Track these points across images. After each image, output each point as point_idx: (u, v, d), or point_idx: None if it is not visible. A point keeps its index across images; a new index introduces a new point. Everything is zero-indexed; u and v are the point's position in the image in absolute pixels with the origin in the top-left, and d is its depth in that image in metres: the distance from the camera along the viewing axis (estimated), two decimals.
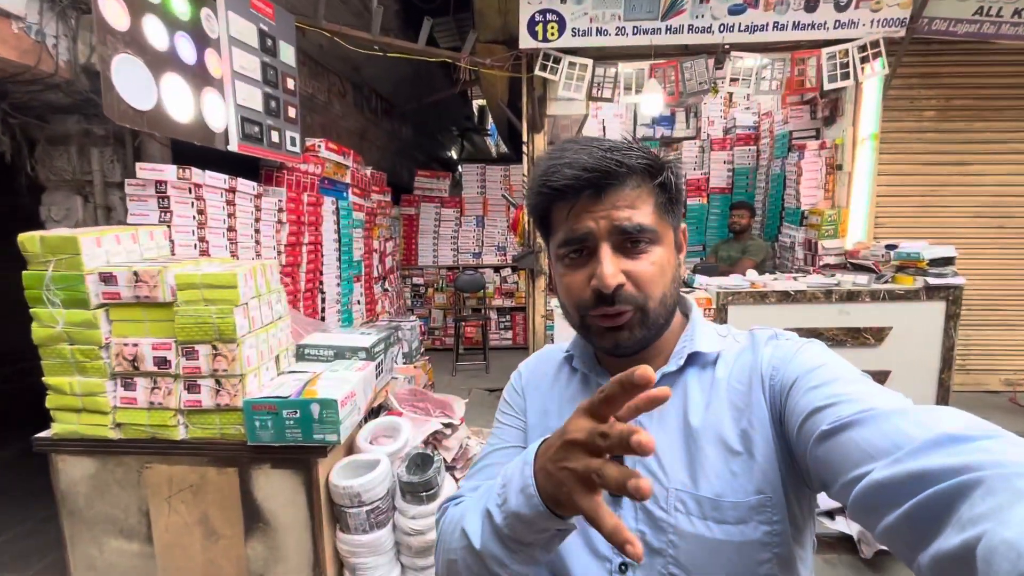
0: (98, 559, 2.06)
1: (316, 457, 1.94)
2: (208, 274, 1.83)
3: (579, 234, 0.62)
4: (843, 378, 0.56)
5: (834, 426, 0.49)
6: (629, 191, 0.62)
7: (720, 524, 0.60)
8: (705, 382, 0.67)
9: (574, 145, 0.64)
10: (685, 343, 0.69)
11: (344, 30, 3.30)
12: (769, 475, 0.60)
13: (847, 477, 0.46)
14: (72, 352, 1.88)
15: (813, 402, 0.54)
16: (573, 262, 0.64)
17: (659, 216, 0.64)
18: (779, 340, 0.67)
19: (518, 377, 0.84)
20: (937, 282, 3.13)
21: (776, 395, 0.61)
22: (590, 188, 0.61)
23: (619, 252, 0.62)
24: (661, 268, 0.63)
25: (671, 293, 0.65)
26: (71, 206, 2.45)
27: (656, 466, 0.64)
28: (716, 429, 0.63)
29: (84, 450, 1.98)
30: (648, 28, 3.57)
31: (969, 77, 3.84)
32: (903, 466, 0.40)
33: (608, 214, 0.61)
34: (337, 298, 3.97)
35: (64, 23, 2.16)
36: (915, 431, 0.43)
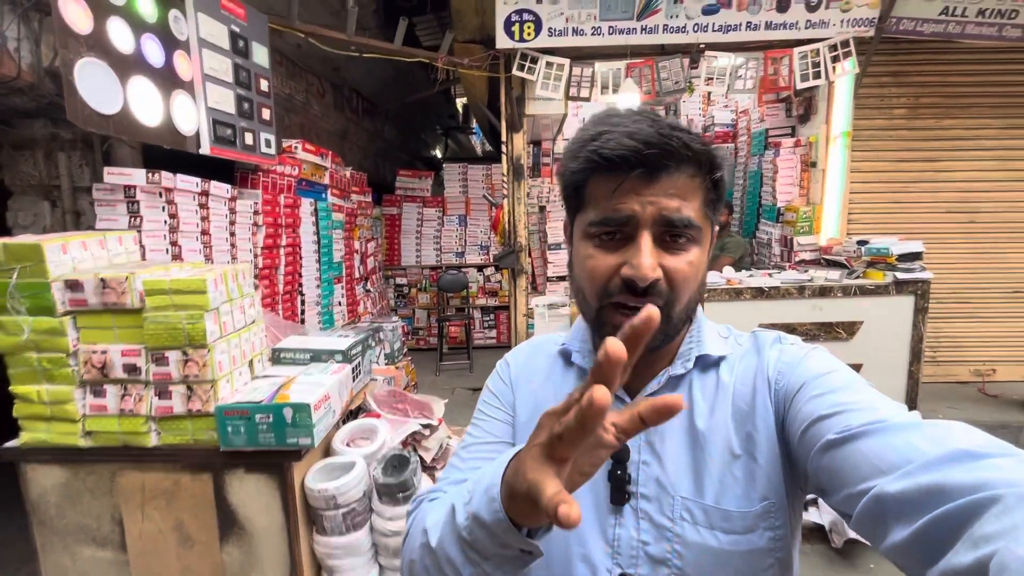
0: (71, 568, 2.04)
1: (290, 461, 1.94)
2: (177, 279, 1.82)
3: (621, 215, 0.57)
4: (851, 387, 0.54)
5: (843, 435, 0.48)
6: (685, 179, 0.56)
7: (728, 534, 0.58)
8: (709, 386, 0.65)
9: (634, 114, 0.57)
10: (691, 344, 0.66)
11: (318, 30, 3.28)
12: (773, 480, 0.59)
13: (854, 489, 0.45)
14: (39, 360, 1.85)
15: (819, 409, 0.53)
16: (603, 244, 0.59)
17: (704, 214, 0.59)
18: (784, 344, 0.65)
19: (506, 367, 0.78)
20: (906, 277, 3.21)
21: (780, 400, 0.60)
22: (645, 166, 0.55)
23: (658, 244, 0.57)
24: (696, 269, 0.59)
25: (696, 297, 0.62)
26: (39, 211, 2.41)
27: (661, 473, 0.62)
28: (722, 434, 0.61)
29: (54, 459, 1.96)
30: (624, 28, 3.60)
31: (937, 76, 3.93)
32: (915, 480, 0.39)
33: (657, 200, 0.56)
34: (317, 300, 3.95)
35: (26, 26, 2.12)
36: (928, 446, 0.42)
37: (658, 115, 0.57)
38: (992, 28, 3.51)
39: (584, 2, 3.54)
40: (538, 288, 5.47)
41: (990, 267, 4.13)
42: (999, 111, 3.97)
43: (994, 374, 4.17)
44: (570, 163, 0.60)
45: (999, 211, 4.06)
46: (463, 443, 0.73)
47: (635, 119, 0.56)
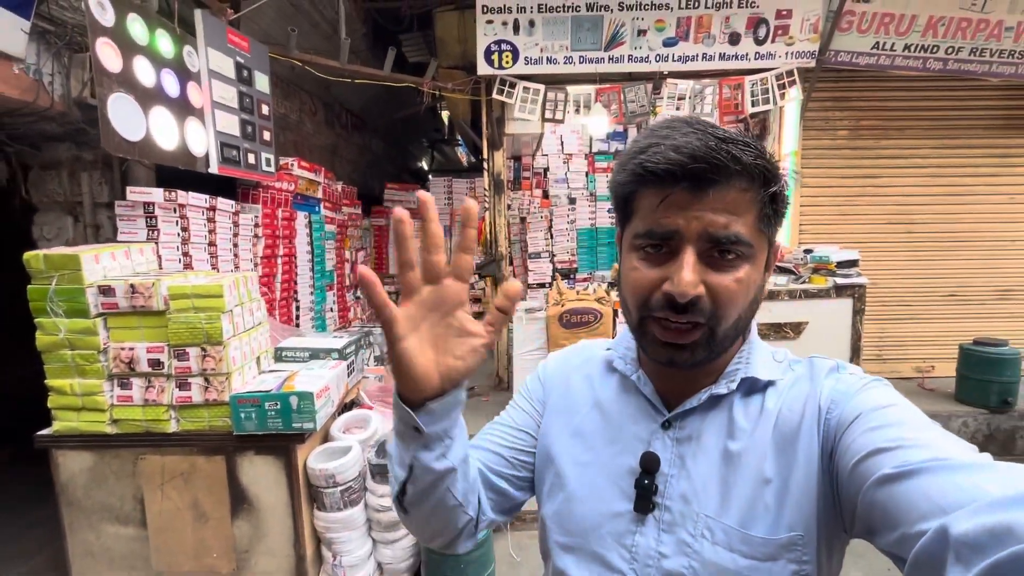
0: (95, 544, 2.29)
1: (295, 444, 2.22)
2: (197, 285, 2.10)
3: (664, 230, 0.56)
4: (912, 422, 0.51)
5: (901, 471, 0.45)
6: (734, 194, 0.55)
7: (747, 558, 0.57)
8: (752, 409, 0.63)
9: (684, 126, 0.56)
10: (739, 365, 0.64)
11: (314, 59, 3.59)
12: (804, 512, 0.56)
13: (911, 528, 0.42)
14: (73, 357, 2.12)
15: (875, 442, 0.50)
16: (648, 256, 0.58)
17: (758, 229, 0.57)
18: (841, 373, 0.62)
19: (544, 368, 0.80)
20: (844, 282, 3.60)
21: (831, 429, 0.57)
22: (691, 180, 0.54)
23: (703, 260, 0.56)
24: (747, 287, 0.57)
25: (747, 316, 0.60)
26: (62, 225, 2.67)
27: (688, 489, 0.61)
28: (757, 459, 0.59)
29: (83, 445, 2.21)
30: (593, 57, 3.97)
31: (875, 101, 4.36)
32: (981, 520, 0.36)
33: (703, 215, 0.54)
34: (311, 306, 4.22)
35: (58, 62, 2.40)
36: (995, 487, 0.39)
37: (714, 127, 0.55)
38: (917, 61, 3.96)
39: (557, 34, 3.91)
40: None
41: (927, 273, 4.56)
42: (932, 132, 4.41)
43: (933, 370, 4.58)
44: (618, 175, 0.60)
45: (934, 222, 4.50)
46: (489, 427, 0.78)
47: (686, 131, 0.55)
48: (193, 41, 2.76)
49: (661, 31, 3.90)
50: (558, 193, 5.72)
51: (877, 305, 4.49)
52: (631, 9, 3.87)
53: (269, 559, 2.29)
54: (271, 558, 2.29)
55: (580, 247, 5.70)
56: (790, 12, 3.89)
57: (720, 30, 3.92)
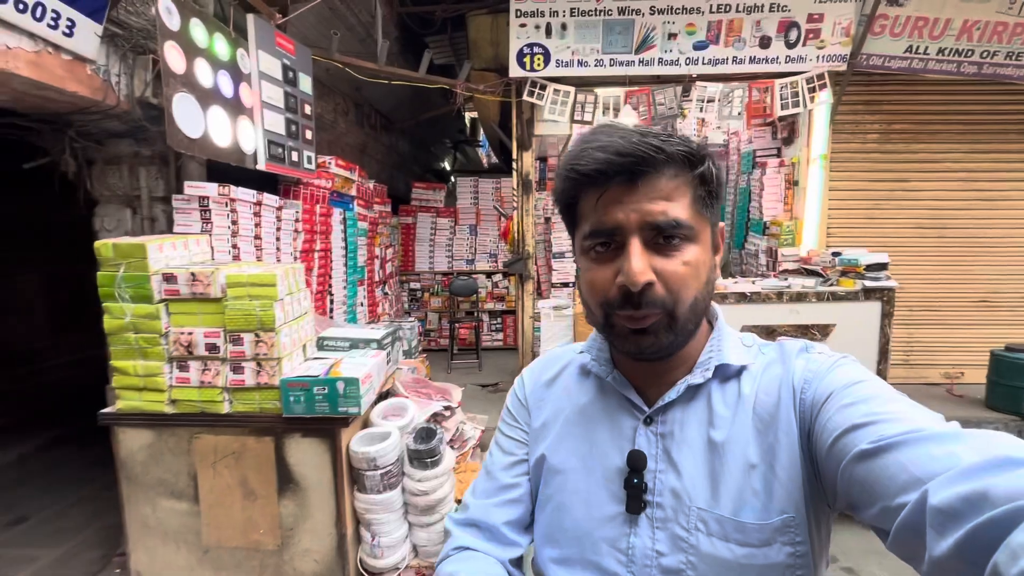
0: (151, 517, 2.43)
1: (340, 427, 2.33)
2: (253, 275, 2.22)
3: (607, 226, 0.58)
4: (883, 396, 0.53)
5: (878, 445, 0.46)
6: (665, 181, 0.57)
7: (743, 546, 0.57)
8: (730, 396, 0.63)
9: (608, 128, 0.59)
10: (711, 353, 0.65)
11: (353, 61, 3.72)
12: (793, 494, 0.57)
13: (892, 501, 0.44)
14: (136, 340, 2.26)
15: (851, 419, 0.51)
16: (599, 256, 0.60)
17: (696, 211, 0.59)
18: (811, 353, 0.64)
19: (521, 386, 0.79)
20: (873, 285, 3.60)
21: (807, 409, 0.58)
22: (622, 175, 0.56)
23: (650, 248, 0.58)
24: (695, 269, 0.59)
25: (703, 297, 0.61)
26: (121, 217, 2.83)
27: (677, 483, 0.61)
28: (741, 445, 0.60)
29: (143, 423, 2.35)
30: (623, 60, 4.04)
31: (907, 104, 4.34)
32: (956, 488, 0.38)
33: (640, 206, 0.57)
34: (344, 300, 4.35)
35: (124, 63, 2.56)
36: (969, 454, 0.41)
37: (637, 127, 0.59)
38: (951, 65, 3.94)
39: (588, 38, 3.98)
40: (543, 293, 5.86)
41: (958, 278, 4.52)
42: (964, 136, 4.38)
43: (962, 377, 4.53)
44: (559, 183, 0.63)
45: (965, 227, 4.46)
46: (489, 460, 0.77)
47: (610, 133, 0.58)
48: (245, 44, 2.90)
49: (692, 35, 3.95)
50: None
51: (905, 310, 4.46)
52: (662, 13, 3.93)
53: (312, 537, 2.40)
54: (314, 536, 2.40)
55: None
56: (822, 16, 3.90)
57: (751, 33, 3.95)
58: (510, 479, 0.73)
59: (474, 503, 0.73)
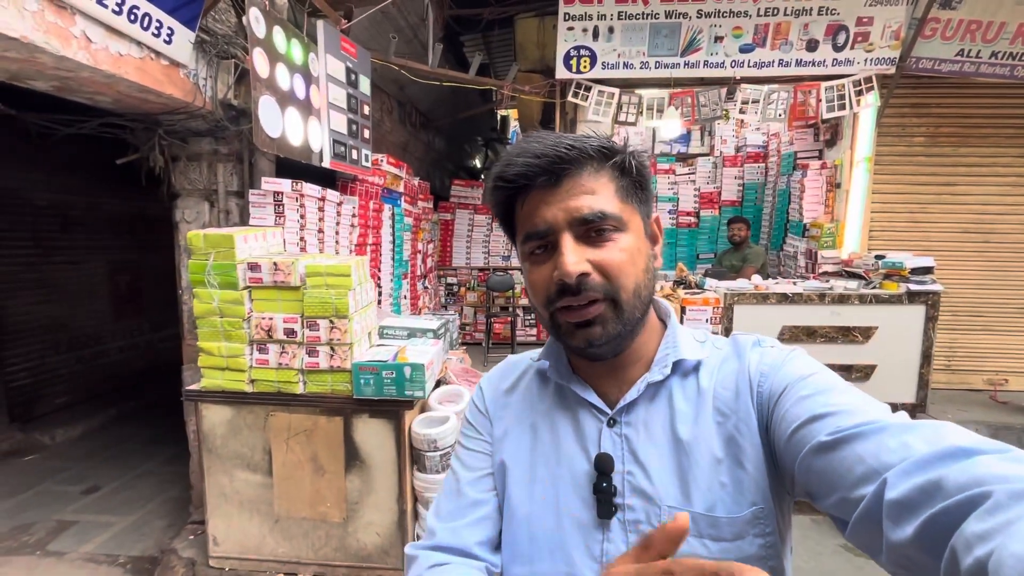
0: (228, 487, 2.63)
1: (404, 409, 2.49)
2: (330, 265, 2.40)
3: (539, 228, 0.60)
4: (837, 388, 0.55)
5: (835, 437, 0.48)
6: (587, 177, 0.59)
7: (717, 542, 0.58)
8: (690, 391, 0.64)
9: (529, 139, 0.61)
10: (668, 350, 0.66)
11: (409, 64, 3.89)
12: (760, 485, 0.58)
13: (850, 493, 0.45)
14: (222, 323, 2.45)
15: (807, 411, 0.53)
16: (538, 257, 0.62)
17: (622, 201, 0.61)
18: (764, 347, 0.65)
19: (480, 396, 0.77)
20: (917, 288, 3.61)
21: (764, 402, 0.60)
22: (544, 175, 0.59)
23: (583, 242, 0.59)
24: (631, 256, 0.60)
25: (645, 284, 0.61)
26: (200, 210, 3.04)
27: (646, 482, 0.61)
28: (706, 441, 0.61)
29: (224, 400, 2.55)
30: (668, 63, 4.11)
31: (955, 108, 4.31)
32: (912, 479, 0.39)
33: (566, 204, 0.59)
34: (390, 292, 4.54)
35: (210, 68, 2.76)
36: (922, 445, 0.42)
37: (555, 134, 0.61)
38: (1005, 68, 3.90)
39: (635, 41, 4.07)
40: None
41: (1004, 284, 4.46)
42: (1014, 140, 4.31)
43: (1006, 384, 4.48)
44: (489, 195, 0.65)
45: (1013, 232, 4.40)
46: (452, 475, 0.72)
47: (528, 141, 0.61)
48: (315, 48, 3.08)
49: (738, 38, 4.00)
50: None
51: (948, 315, 4.42)
52: (709, 16, 3.99)
53: (375, 511, 2.57)
54: (377, 511, 2.57)
55: None
56: (871, 19, 3.91)
57: (798, 37, 3.98)
58: (478, 495, 0.69)
59: (441, 526, 0.68)
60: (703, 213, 5.83)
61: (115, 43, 2.17)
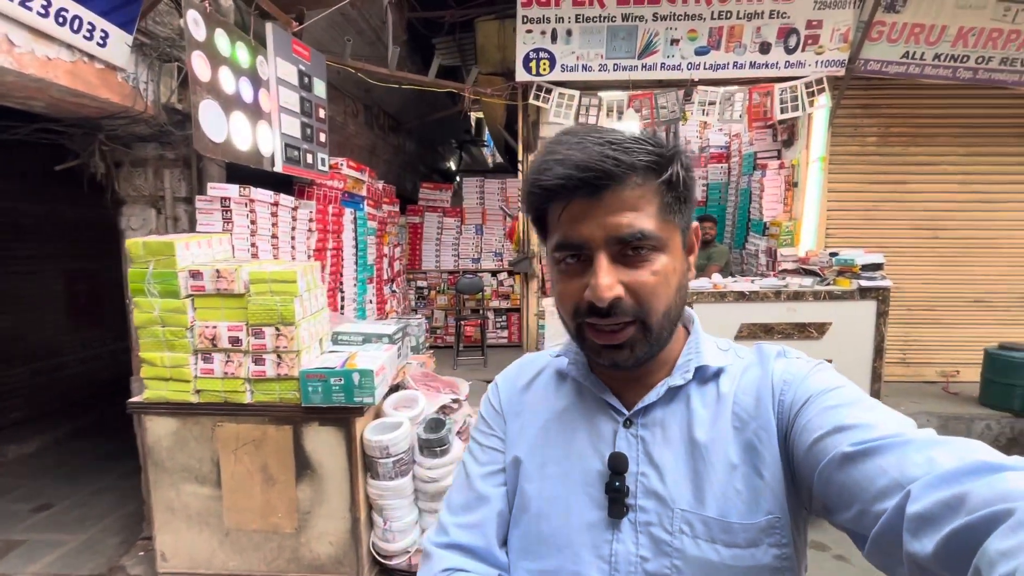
0: (175, 501, 2.56)
1: (355, 416, 2.46)
2: (275, 271, 2.36)
3: (573, 241, 0.58)
4: (862, 402, 0.54)
5: (858, 449, 0.47)
6: (629, 192, 0.56)
7: (729, 548, 0.57)
8: (710, 397, 0.63)
9: (570, 138, 0.58)
10: (690, 356, 0.65)
11: (366, 66, 3.85)
12: (778, 494, 0.57)
13: (871, 506, 0.44)
14: (164, 333, 2.39)
15: (830, 423, 0.52)
16: (569, 268, 0.60)
17: (664, 219, 0.58)
18: (789, 358, 0.64)
19: (495, 393, 0.77)
20: (868, 284, 3.70)
21: (785, 412, 0.59)
22: (584, 189, 0.56)
23: (618, 261, 0.57)
24: (665, 278, 0.58)
25: (676, 304, 0.60)
26: (146, 217, 2.97)
27: (660, 484, 0.60)
28: (723, 446, 0.60)
29: (169, 411, 2.49)
30: (626, 65, 4.15)
31: (905, 108, 4.44)
32: (936, 493, 0.39)
33: (605, 220, 0.56)
34: (354, 297, 4.49)
35: (151, 71, 2.69)
36: (948, 460, 0.41)
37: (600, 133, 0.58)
38: (948, 70, 4.03)
39: (593, 43, 4.10)
40: (547, 292, 5.98)
41: (953, 278, 4.62)
42: (961, 139, 4.47)
43: (958, 375, 4.63)
44: (525, 197, 0.63)
45: (961, 228, 4.55)
46: (465, 471, 0.73)
47: (571, 144, 0.57)
48: (264, 51, 3.03)
49: (693, 40, 4.06)
50: None
51: (902, 309, 4.56)
52: (665, 19, 4.04)
53: (328, 521, 2.54)
54: (329, 520, 2.54)
55: None
56: (820, 22, 4.01)
57: (751, 39, 4.06)
58: (489, 490, 0.70)
59: (453, 523, 0.69)
60: None
61: (42, 46, 2.10)
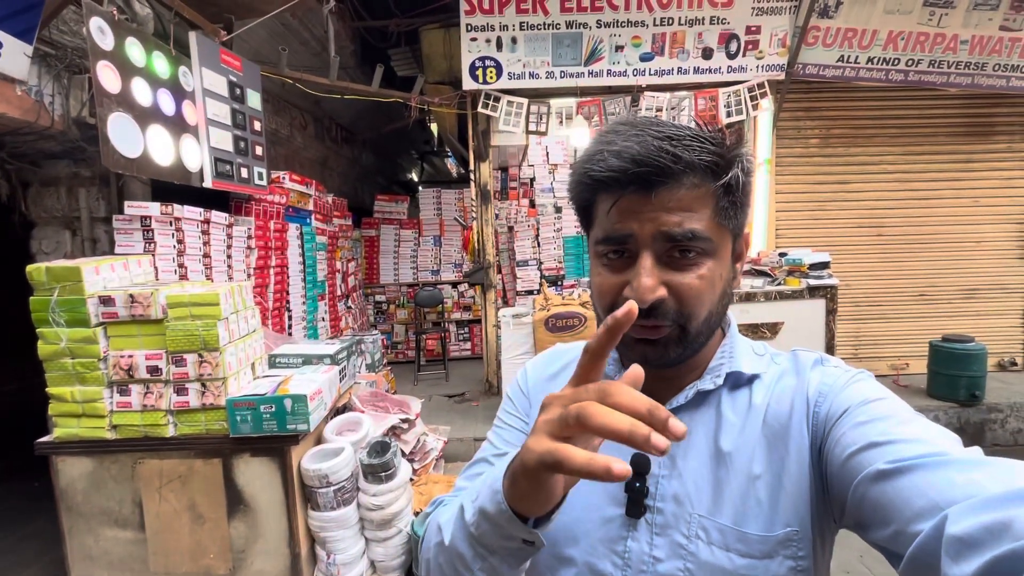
0: (94, 548, 2.35)
1: (289, 445, 2.31)
2: (195, 294, 2.20)
3: (620, 234, 0.56)
4: (901, 415, 0.51)
5: (896, 466, 0.45)
6: (685, 192, 0.54)
7: (744, 557, 0.56)
8: (741, 404, 0.62)
9: (628, 129, 0.56)
10: (723, 360, 0.63)
11: (305, 76, 3.72)
12: (800, 508, 0.56)
13: (908, 526, 0.42)
14: (73, 365, 2.20)
15: (867, 436, 0.50)
16: (611, 263, 0.58)
17: (718, 223, 0.56)
18: (826, 366, 0.62)
19: (524, 377, 0.77)
20: (816, 283, 3.76)
21: (820, 423, 0.57)
22: (637, 183, 0.54)
23: (664, 261, 0.55)
24: (711, 283, 0.56)
25: (718, 311, 0.59)
26: (60, 239, 2.76)
27: (680, 489, 0.60)
28: (748, 455, 0.59)
29: (83, 450, 2.29)
30: (573, 72, 4.14)
31: (844, 111, 4.58)
32: (979, 517, 0.37)
33: (656, 216, 0.54)
34: (303, 315, 4.31)
35: (58, 83, 2.51)
36: (991, 483, 0.39)
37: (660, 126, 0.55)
38: (881, 72, 4.17)
39: (538, 51, 4.08)
40: (509, 302, 5.91)
41: (898, 274, 4.76)
42: (898, 139, 4.63)
43: (908, 367, 4.75)
44: (574, 186, 0.61)
45: (902, 225, 4.70)
46: (481, 452, 0.73)
47: (628, 135, 0.55)
48: (188, 62, 2.87)
49: (638, 47, 4.09)
50: (544, 202, 5.88)
51: (851, 305, 4.67)
52: (608, 26, 4.05)
53: (265, 558, 2.37)
54: (267, 557, 2.37)
55: (567, 254, 5.84)
56: (759, 28, 4.09)
57: (694, 45, 4.11)
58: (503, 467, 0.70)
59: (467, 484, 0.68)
60: None
61: None
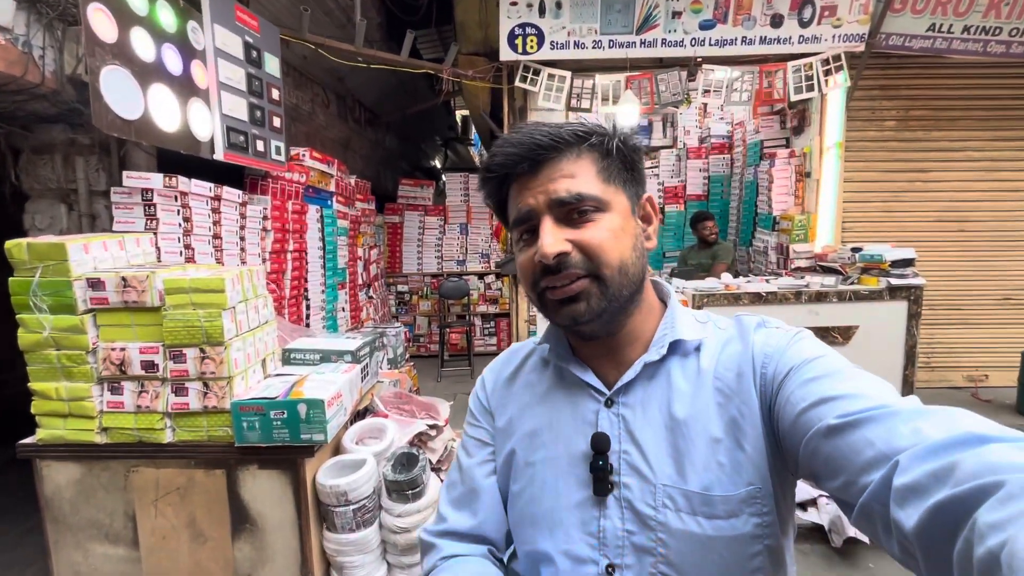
0: (82, 565, 2.06)
1: (303, 457, 1.98)
2: (196, 279, 1.87)
3: (523, 212, 0.62)
4: (845, 371, 0.54)
5: (844, 421, 0.47)
6: (566, 163, 0.61)
7: (711, 519, 0.58)
8: (690, 371, 0.64)
9: (513, 132, 0.64)
10: (666, 331, 0.66)
11: (328, 42, 3.38)
12: (759, 466, 0.58)
13: (857, 477, 0.44)
14: (58, 357, 1.90)
15: (815, 393, 0.52)
16: (526, 241, 0.64)
17: (604, 182, 0.62)
18: (769, 328, 0.64)
19: (482, 386, 0.80)
20: (899, 283, 3.30)
21: (768, 383, 0.59)
22: (523, 163, 0.61)
23: (563, 223, 0.61)
24: (613, 234, 0.60)
25: (633, 262, 0.62)
26: (55, 214, 2.47)
27: (642, 461, 0.62)
28: (703, 420, 0.61)
29: (70, 455, 1.99)
30: (623, 42, 3.72)
31: (926, 89, 4.06)
32: (923, 465, 0.38)
33: (545, 188, 0.60)
34: (322, 305, 4.00)
35: (51, 35, 2.20)
36: (934, 431, 0.41)
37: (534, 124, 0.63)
38: (978, 44, 3.65)
39: (585, 17, 3.66)
40: None
41: (980, 274, 4.24)
42: (986, 123, 4.10)
43: (986, 379, 4.25)
44: (480, 186, 0.69)
45: (988, 219, 4.18)
46: (457, 463, 0.76)
47: (512, 132, 0.63)
48: (198, 17, 2.55)
49: (697, 13, 3.64)
50: None
51: (926, 309, 4.16)
52: None
53: None
54: None
55: None
56: None
57: (761, 11, 3.65)
58: (481, 481, 0.73)
59: (451, 513, 0.73)
60: (668, 209, 5.49)
61: None
